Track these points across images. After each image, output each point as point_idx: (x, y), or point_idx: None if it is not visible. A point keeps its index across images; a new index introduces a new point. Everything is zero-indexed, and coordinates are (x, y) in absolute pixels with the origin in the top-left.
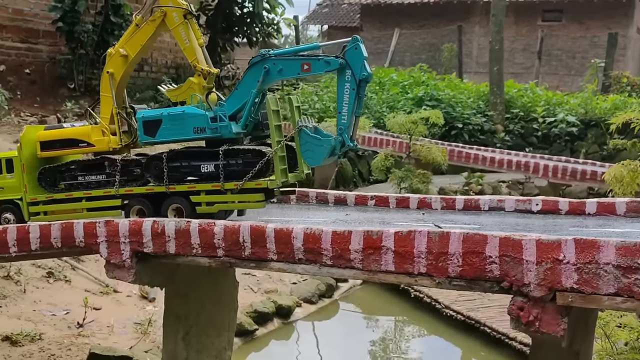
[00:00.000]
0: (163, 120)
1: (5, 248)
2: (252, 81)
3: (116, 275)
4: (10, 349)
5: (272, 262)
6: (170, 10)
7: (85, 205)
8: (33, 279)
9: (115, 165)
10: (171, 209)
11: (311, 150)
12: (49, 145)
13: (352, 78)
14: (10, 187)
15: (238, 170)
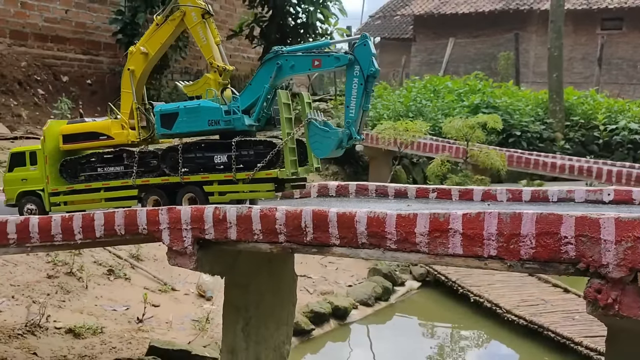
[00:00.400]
0: (180, 113)
1: (70, 235)
2: (265, 77)
3: (178, 262)
4: (74, 340)
5: (334, 247)
6: (189, 10)
7: (103, 195)
8: (94, 276)
9: (133, 157)
10: (185, 198)
11: (320, 142)
12: (71, 138)
13: (360, 74)
14: (33, 178)
15: (250, 161)
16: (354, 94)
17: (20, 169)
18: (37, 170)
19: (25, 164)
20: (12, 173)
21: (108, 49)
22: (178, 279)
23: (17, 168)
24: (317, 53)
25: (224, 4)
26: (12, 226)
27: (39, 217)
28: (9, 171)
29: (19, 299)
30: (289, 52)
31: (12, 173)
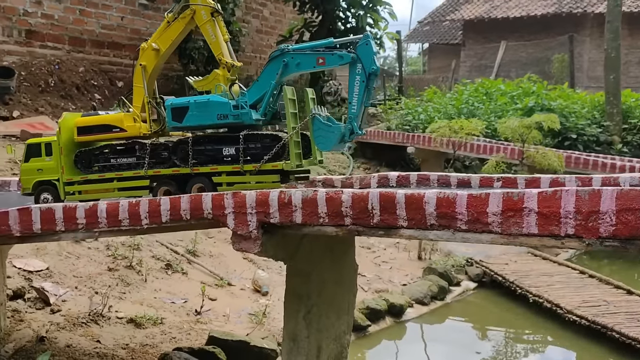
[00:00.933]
0: (190, 107)
1: (137, 220)
2: (271, 73)
3: (242, 246)
4: (135, 330)
5: (401, 229)
6: (199, 9)
7: (116, 185)
8: (153, 270)
9: (145, 149)
10: (195, 188)
11: (323, 136)
12: (85, 130)
13: (362, 71)
14: (48, 168)
15: (257, 154)
16: (356, 90)
17: (36, 160)
18: (52, 161)
19: (40, 154)
20: (28, 163)
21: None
22: (234, 274)
23: (33, 159)
24: (321, 51)
25: (274, 10)
26: (81, 211)
27: (107, 202)
28: (25, 162)
29: (81, 289)
30: (294, 50)
31: (28, 163)
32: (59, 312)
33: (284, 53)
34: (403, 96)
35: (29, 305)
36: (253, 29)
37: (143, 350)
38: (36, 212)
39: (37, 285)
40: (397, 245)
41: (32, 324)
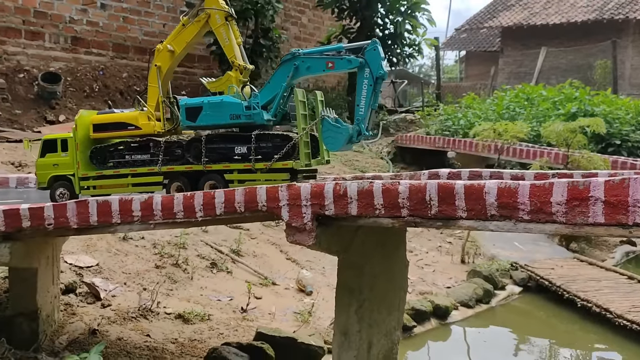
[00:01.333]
0: (203, 107)
1: (192, 212)
2: (282, 76)
3: (296, 239)
4: (183, 325)
5: (460, 220)
6: (214, 13)
7: (130, 181)
8: (199, 268)
9: (159, 146)
10: (207, 184)
11: (332, 137)
12: (101, 128)
13: (370, 75)
14: (64, 164)
15: (267, 153)
16: (363, 93)
17: (51, 155)
18: (68, 157)
19: (56, 150)
20: (44, 159)
21: (202, 61)
22: (277, 274)
23: (48, 154)
24: (331, 56)
25: (312, 17)
26: (137, 204)
27: (162, 195)
28: (41, 157)
29: (130, 285)
30: (305, 54)
31: (44, 159)
32: (109, 306)
33: (295, 57)
34: (441, 103)
35: (80, 299)
36: (291, 36)
37: (192, 345)
38: (93, 205)
39: (87, 280)
40: (440, 249)
41: (83, 318)
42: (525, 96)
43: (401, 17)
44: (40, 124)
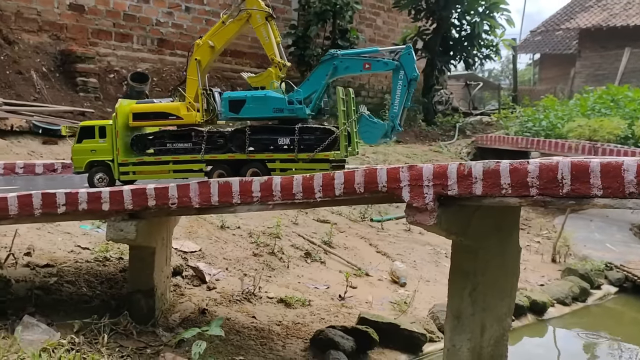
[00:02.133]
0: (247, 101)
1: (311, 193)
2: (322, 75)
3: (417, 219)
4: (285, 309)
5: (595, 198)
6: (255, 13)
7: (172, 167)
8: (293, 258)
9: (202, 136)
10: (249, 172)
11: (369, 132)
12: (141, 116)
13: (404, 77)
14: (102, 150)
15: (309, 144)
16: (398, 93)
17: (88, 141)
18: (106, 143)
19: (94, 136)
20: (81, 144)
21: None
22: (369, 266)
23: (85, 140)
24: (368, 57)
25: (387, 19)
26: (257, 185)
27: (281, 177)
28: (78, 142)
29: (231, 271)
30: (343, 55)
31: (80, 144)
32: (214, 289)
33: (333, 57)
34: (517, 105)
35: (187, 282)
36: (366, 38)
37: (296, 327)
38: (214, 185)
39: (192, 264)
40: (529, 248)
41: (191, 299)
42: (610, 97)
43: (479, 17)
44: None
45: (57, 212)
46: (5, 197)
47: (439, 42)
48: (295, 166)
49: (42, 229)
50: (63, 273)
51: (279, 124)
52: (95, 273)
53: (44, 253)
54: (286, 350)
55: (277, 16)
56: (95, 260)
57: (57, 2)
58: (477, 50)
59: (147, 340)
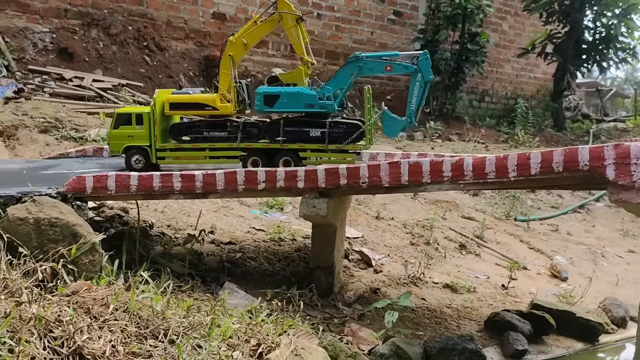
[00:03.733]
0: (281, 96)
1: (504, 172)
2: (347, 74)
3: (622, 197)
4: (452, 294)
5: None
6: (286, 15)
7: (207, 154)
8: (448, 249)
9: (237, 126)
10: (282, 160)
11: (391, 126)
12: (177, 106)
13: (422, 79)
14: (138, 136)
15: (338, 136)
16: (415, 93)
17: (125, 127)
18: (142, 130)
19: (130, 123)
20: (118, 130)
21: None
22: (525, 260)
23: (122, 126)
24: (389, 60)
25: (513, 23)
26: (447, 165)
27: (472, 156)
28: (115, 128)
29: (393, 257)
30: (367, 57)
31: (117, 130)
32: (380, 272)
33: (358, 59)
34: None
35: (354, 265)
36: (492, 43)
37: (466, 311)
38: (405, 165)
39: (357, 249)
40: None
41: (361, 279)
42: None
43: (616, 19)
44: None
45: (257, 188)
46: (214, 173)
47: (571, 45)
48: (324, 155)
49: (219, 212)
50: (244, 250)
51: (310, 118)
52: (273, 251)
53: (224, 232)
54: (461, 330)
55: (404, 21)
56: (270, 240)
57: (201, 11)
58: (612, 53)
59: (331, 312)
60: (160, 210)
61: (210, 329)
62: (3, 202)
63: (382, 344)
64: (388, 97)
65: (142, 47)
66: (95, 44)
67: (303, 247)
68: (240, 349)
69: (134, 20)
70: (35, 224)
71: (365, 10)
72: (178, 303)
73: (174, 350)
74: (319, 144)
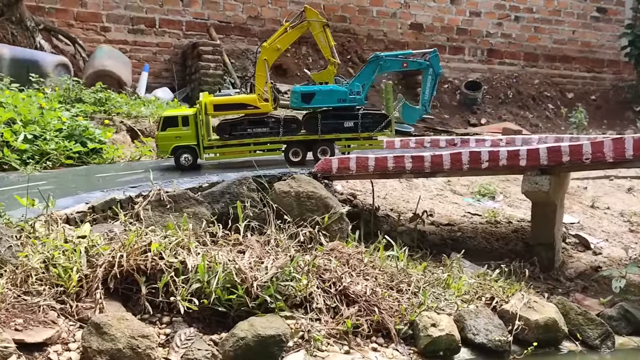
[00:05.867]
0: (316, 93)
1: None
2: (370, 72)
3: None
4: None
5: None
6: (314, 23)
7: (252, 148)
8: None
9: (279, 121)
10: (320, 150)
11: (410, 115)
12: (221, 107)
13: (433, 73)
14: (185, 136)
15: (367, 126)
16: (428, 85)
17: (172, 129)
18: (189, 130)
19: (177, 125)
20: (165, 132)
21: (611, 66)
22: None
23: (169, 128)
24: (405, 58)
25: None
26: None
27: None
28: (162, 131)
29: (612, 242)
30: (386, 56)
31: (164, 132)
32: (600, 254)
33: (378, 58)
34: None
35: (571, 247)
36: None
37: None
38: (629, 141)
39: (573, 233)
40: None
41: (580, 260)
42: None
43: None
44: (464, 126)
45: (481, 167)
46: (441, 154)
47: None
48: (357, 143)
49: (434, 199)
50: (463, 231)
51: (343, 111)
52: (490, 232)
53: (442, 216)
54: None
55: (609, 18)
56: (487, 223)
57: (399, 23)
58: None
59: (554, 284)
60: (383, 197)
61: (447, 284)
62: (268, 180)
63: (610, 308)
64: (592, 97)
65: (347, 60)
66: (305, 59)
67: (520, 228)
68: (474, 303)
69: (338, 36)
70: (295, 196)
71: (566, 9)
72: (414, 265)
73: (418, 299)
74: (352, 133)
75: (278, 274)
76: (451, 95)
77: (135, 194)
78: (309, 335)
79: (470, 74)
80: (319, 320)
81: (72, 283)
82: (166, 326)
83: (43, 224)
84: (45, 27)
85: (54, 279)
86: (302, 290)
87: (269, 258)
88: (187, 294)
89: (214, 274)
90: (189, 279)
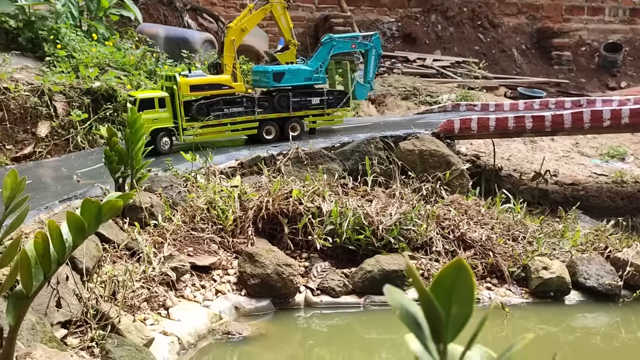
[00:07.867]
0: (286, 73)
1: None
2: (325, 52)
3: None
4: None
5: None
6: (276, 4)
7: (229, 128)
8: None
9: (252, 100)
10: (291, 127)
11: (360, 92)
12: (197, 88)
13: (375, 53)
14: (162, 118)
15: (331, 102)
16: (372, 64)
17: (149, 112)
18: (166, 112)
19: (153, 107)
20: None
21: None
22: None
23: (145, 110)
24: (354, 40)
25: None
26: None
27: None
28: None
29: None
30: (338, 38)
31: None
32: None
33: (332, 39)
34: None
35: None
36: None
37: None
38: None
39: None
40: None
41: None
42: None
43: None
44: (601, 90)
45: (603, 125)
46: (562, 114)
47: None
48: (322, 119)
49: (560, 161)
50: (587, 190)
51: (308, 89)
52: (615, 192)
53: (566, 176)
54: None
55: None
56: (612, 183)
57: None
58: None
59: None
60: (506, 158)
61: (562, 234)
62: (394, 140)
63: None
64: None
65: (477, 26)
66: (434, 27)
67: None
68: (588, 252)
69: (469, 2)
70: (419, 153)
71: None
72: (532, 219)
73: (532, 247)
74: (319, 110)
75: (401, 219)
76: (589, 58)
77: (276, 152)
78: (429, 274)
79: (611, 35)
80: (437, 261)
81: (229, 222)
82: (305, 260)
83: (203, 176)
84: (192, 7)
85: (215, 219)
86: (423, 234)
87: (393, 206)
88: (322, 233)
89: (345, 218)
90: (323, 221)
